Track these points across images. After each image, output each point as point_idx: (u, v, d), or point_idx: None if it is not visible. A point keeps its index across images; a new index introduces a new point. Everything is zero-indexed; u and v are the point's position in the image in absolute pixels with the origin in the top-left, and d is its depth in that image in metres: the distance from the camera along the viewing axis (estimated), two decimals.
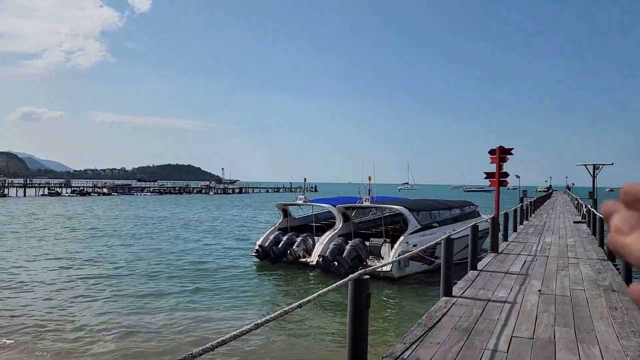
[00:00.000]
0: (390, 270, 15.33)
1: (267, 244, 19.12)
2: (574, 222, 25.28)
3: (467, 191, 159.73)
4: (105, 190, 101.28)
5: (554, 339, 6.00)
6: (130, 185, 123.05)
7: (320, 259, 16.48)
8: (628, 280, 9.68)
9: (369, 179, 19.44)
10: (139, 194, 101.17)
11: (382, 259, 16.39)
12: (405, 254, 10.77)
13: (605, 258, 12.87)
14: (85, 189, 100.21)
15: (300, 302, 3.94)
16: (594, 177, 37.81)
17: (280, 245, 18.72)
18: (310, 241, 18.72)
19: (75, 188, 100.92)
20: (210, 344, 2.94)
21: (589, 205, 26.10)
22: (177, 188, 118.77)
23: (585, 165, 38.35)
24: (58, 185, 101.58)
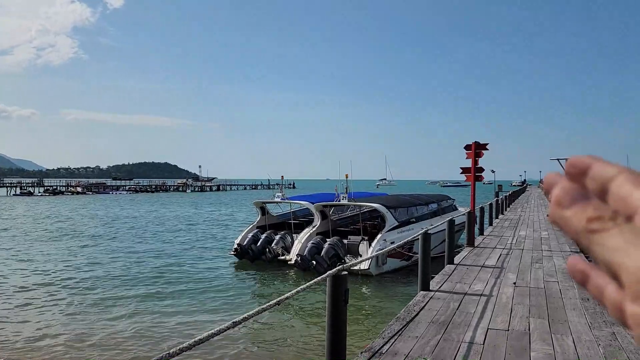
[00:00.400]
0: (368, 268, 15.39)
1: (245, 242, 19.03)
2: (548, 215, 25.78)
3: (443, 186, 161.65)
4: (79, 189, 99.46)
5: (529, 330, 6.12)
6: (105, 183, 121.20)
7: (299, 258, 16.43)
8: None
9: (346, 176, 19.48)
10: (114, 193, 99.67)
11: (361, 257, 16.45)
12: (382, 250, 10.81)
13: (578, 250, 13.15)
14: (58, 188, 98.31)
15: (278, 299, 3.94)
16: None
17: (258, 244, 18.65)
18: (289, 239, 18.69)
19: (48, 187, 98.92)
20: (187, 342, 2.93)
21: None
22: (153, 186, 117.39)
23: (558, 159, 39.05)
24: (30, 184, 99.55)
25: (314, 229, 17.93)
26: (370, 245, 16.28)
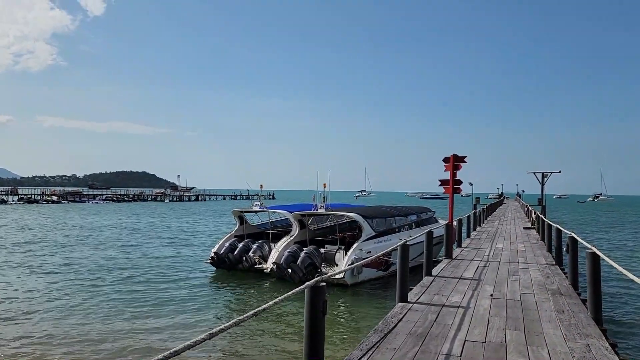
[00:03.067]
0: (344, 277, 15.39)
1: (222, 251, 18.88)
2: (524, 228, 26.10)
3: (422, 198, 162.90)
4: (54, 197, 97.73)
5: (505, 342, 6.15)
6: (81, 192, 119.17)
7: (275, 266, 16.42)
8: (575, 284, 10.06)
9: (324, 186, 19.53)
10: (90, 202, 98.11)
11: (337, 265, 16.47)
12: (359, 262, 10.83)
13: (554, 263, 13.32)
14: (33, 197, 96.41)
15: (255, 310, 3.89)
16: (542, 184, 39.14)
17: (236, 252, 18.52)
18: (267, 248, 18.61)
19: (22, 196, 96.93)
20: (162, 354, 2.87)
21: (538, 212, 27.01)
22: (130, 195, 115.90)
23: (534, 173, 39.64)
24: (4, 192, 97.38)
25: (292, 238, 17.91)
26: (346, 254, 16.30)
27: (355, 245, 16.50)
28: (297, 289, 4.62)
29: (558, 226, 13.59)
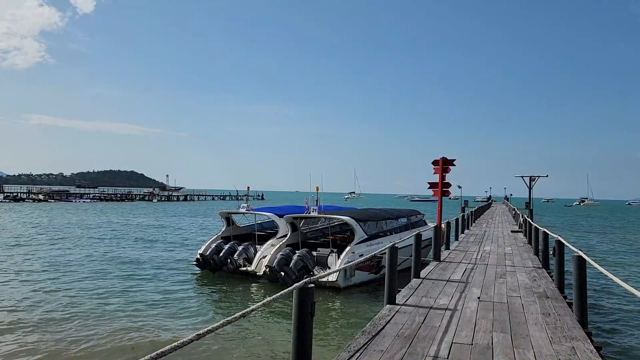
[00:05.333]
0: (337, 280, 15.41)
1: (208, 252, 18.80)
2: (512, 231, 26.29)
3: (412, 201, 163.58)
4: (41, 196, 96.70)
5: (492, 344, 6.20)
6: (68, 191, 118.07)
7: (267, 269, 16.35)
8: (561, 287, 10.15)
9: (317, 189, 19.52)
10: (77, 201, 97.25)
11: (329, 269, 16.46)
12: (351, 263, 10.80)
13: (540, 266, 13.43)
14: (19, 195, 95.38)
15: (244, 311, 3.89)
16: (530, 188, 39.45)
17: (221, 254, 18.45)
18: (252, 250, 18.57)
19: (7, 194, 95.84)
20: (149, 355, 2.85)
21: (525, 215, 27.23)
22: (118, 195, 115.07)
23: (522, 176, 39.92)
24: None
25: (284, 241, 17.86)
26: (339, 257, 16.31)
27: (348, 248, 16.51)
28: (285, 290, 4.63)
29: (545, 230, 13.70)
